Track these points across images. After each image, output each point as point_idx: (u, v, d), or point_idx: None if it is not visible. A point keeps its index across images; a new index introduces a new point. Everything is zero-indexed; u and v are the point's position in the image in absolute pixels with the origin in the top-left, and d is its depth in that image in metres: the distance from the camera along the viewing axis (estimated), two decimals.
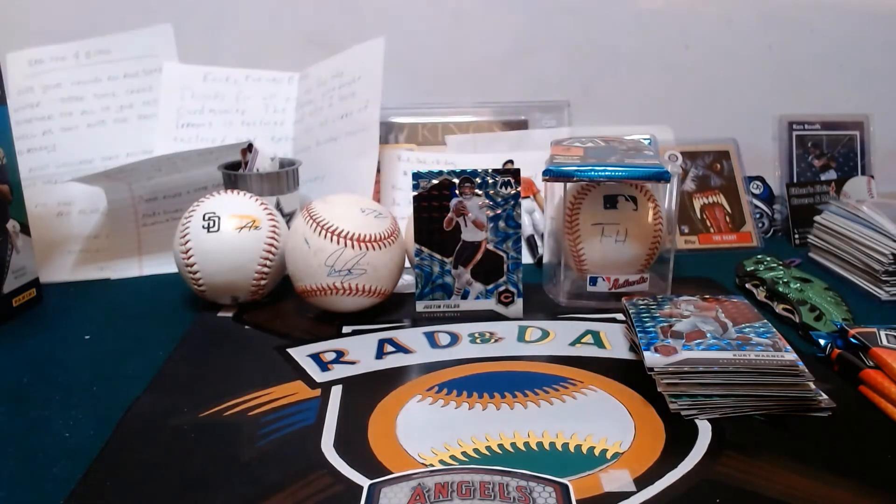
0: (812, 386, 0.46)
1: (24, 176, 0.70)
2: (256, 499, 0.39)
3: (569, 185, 0.63)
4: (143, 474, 0.41)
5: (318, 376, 0.53)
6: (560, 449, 0.43)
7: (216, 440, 0.45)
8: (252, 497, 0.39)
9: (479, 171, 0.60)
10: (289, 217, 0.72)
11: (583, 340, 0.58)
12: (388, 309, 0.64)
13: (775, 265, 0.68)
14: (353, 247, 0.59)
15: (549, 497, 0.38)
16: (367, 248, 0.59)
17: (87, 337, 0.61)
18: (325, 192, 0.79)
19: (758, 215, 0.86)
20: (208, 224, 0.63)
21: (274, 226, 0.64)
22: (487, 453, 0.43)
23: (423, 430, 0.45)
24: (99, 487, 0.41)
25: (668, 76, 0.94)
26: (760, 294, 0.66)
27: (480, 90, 0.93)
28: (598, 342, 0.58)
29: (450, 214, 0.60)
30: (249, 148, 0.73)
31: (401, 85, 0.88)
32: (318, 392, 0.50)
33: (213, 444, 0.44)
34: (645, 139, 0.77)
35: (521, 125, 0.91)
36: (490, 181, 0.60)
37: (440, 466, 0.41)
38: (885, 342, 0.51)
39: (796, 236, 0.85)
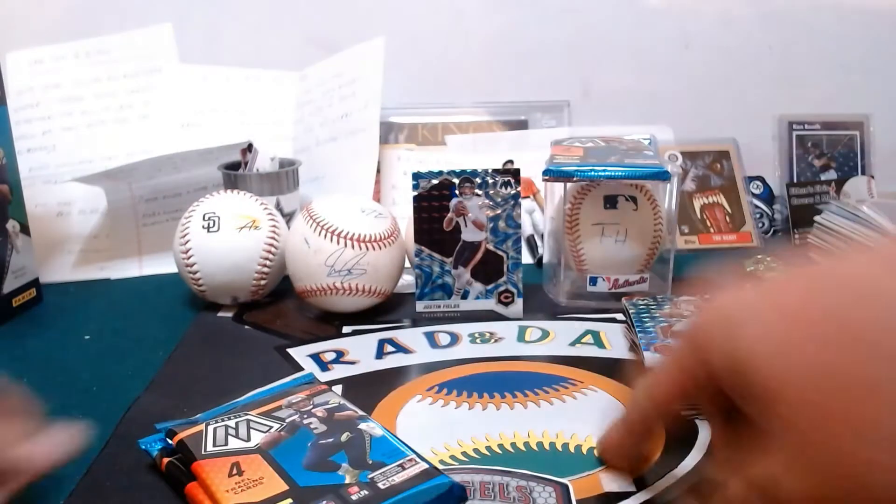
0: None
1: (24, 176, 0.70)
2: None
3: (569, 185, 0.63)
4: (144, 474, 0.41)
5: (319, 376, 0.53)
6: (560, 449, 0.43)
7: None
8: None
9: (479, 171, 0.60)
10: (289, 217, 0.72)
11: (583, 340, 0.58)
12: (388, 309, 0.64)
13: (775, 265, 0.68)
14: (353, 247, 0.59)
15: (549, 497, 0.38)
16: (367, 249, 0.59)
17: (87, 337, 0.61)
18: (325, 192, 0.79)
19: (758, 215, 0.86)
20: (208, 224, 0.63)
21: (274, 226, 0.64)
22: (487, 453, 0.43)
23: (423, 430, 0.45)
24: (99, 487, 0.41)
25: (668, 76, 0.94)
26: None
27: (480, 90, 0.93)
28: (598, 342, 0.58)
29: (450, 214, 0.60)
30: (249, 148, 0.73)
31: (401, 85, 0.88)
32: None
33: None
34: (645, 139, 0.77)
35: (521, 125, 0.91)
36: (490, 181, 0.60)
37: (440, 466, 0.41)
38: (210, 447, 0.40)
39: (796, 236, 0.85)
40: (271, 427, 0.41)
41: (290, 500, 0.35)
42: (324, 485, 0.36)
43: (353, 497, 0.35)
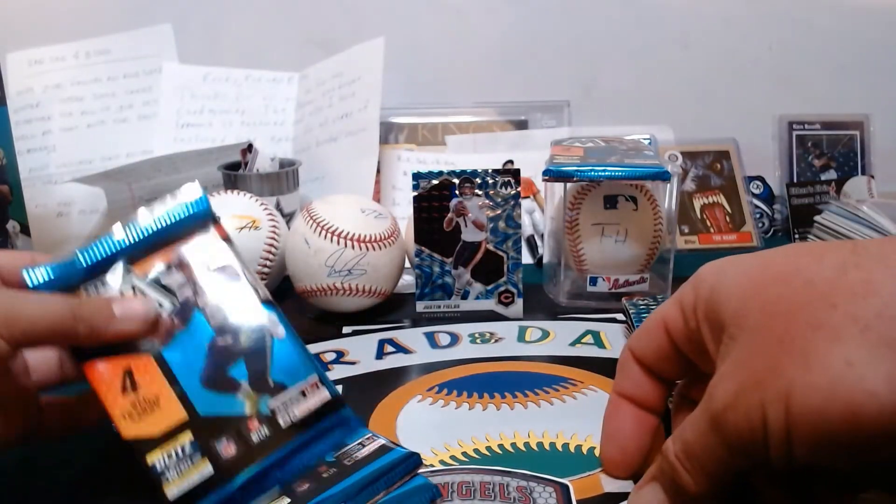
0: None
1: (24, 176, 0.70)
2: None
3: (569, 185, 0.63)
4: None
5: None
6: (560, 449, 0.43)
7: None
8: None
9: (479, 171, 0.60)
10: (289, 217, 0.72)
11: (583, 340, 0.58)
12: (388, 309, 0.64)
13: None
14: (353, 247, 0.59)
15: (550, 497, 0.38)
16: (368, 249, 0.59)
17: None
18: (325, 192, 0.79)
19: (758, 215, 0.86)
20: None
21: (274, 226, 0.64)
22: (487, 453, 0.43)
23: (423, 430, 0.45)
24: (99, 489, 0.41)
25: (668, 76, 0.94)
26: None
27: (480, 90, 0.93)
28: (598, 342, 0.58)
29: (450, 215, 0.60)
30: (249, 148, 0.73)
31: (401, 85, 0.88)
32: None
33: None
34: (645, 139, 0.77)
35: (521, 125, 0.91)
36: (490, 181, 0.60)
37: (440, 466, 0.41)
38: None
39: (796, 236, 0.85)
40: (161, 304, 0.35)
41: (189, 435, 0.33)
42: (224, 415, 0.34)
43: (253, 435, 0.34)
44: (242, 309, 0.36)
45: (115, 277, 0.36)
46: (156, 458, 0.33)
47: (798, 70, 0.94)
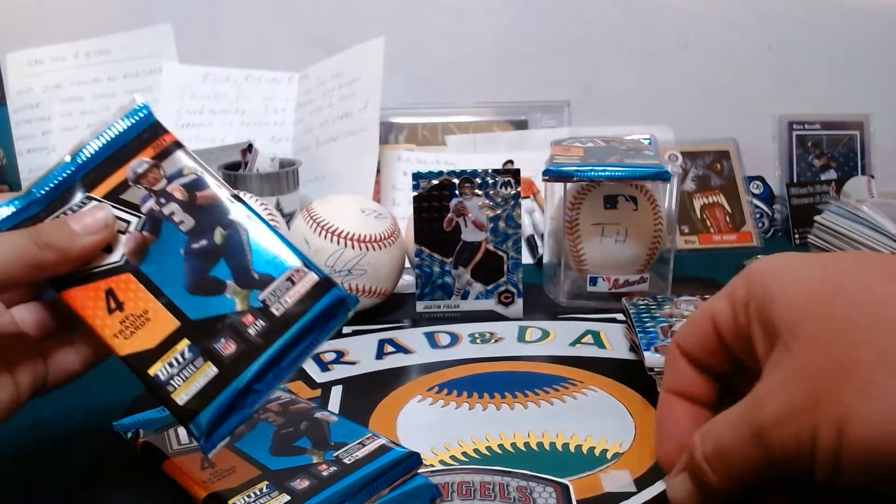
0: None
1: (24, 176, 0.70)
2: None
3: (569, 185, 0.63)
4: (147, 472, 0.41)
5: (319, 376, 0.53)
6: (560, 449, 0.43)
7: None
8: None
9: (479, 171, 0.60)
10: (289, 217, 0.72)
11: (583, 340, 0.58)
12: (389, 309, 0.64)
13: None
14: (353, 247, 0.59)
15: (550, 497, 0.38)
16: (368, 249, 0.59)
17: None
18: (325, 192, 0.79)
19: (758, 215, 0.86)
20: None
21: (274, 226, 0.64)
22: (487, 453, 0.43)
23: (423, 430, 0.45)
24: (99, 489, 0.41)
25: (669, 76, 0.94)
26: None
27: (480, 90, 0.93)
28: (598, 342, 0.58)
29: (450, 215, 0.60)
30: (249, 148, 0.74)
31: (401, 85, 0.88)
32: (318, 392, 0.50)
33: None
34: (645, 139, 0.77)
35: (521, 125, 0.92)
36: (490, 181, 0.60)
37: (440, 466, 0.41)
38: (175, 446, 0.42)
39: (796, 236, 0.85)
40: (128, 222, 0.35)
41: (186, 341, 0.33)
42: (216, 316, 0.33)
43: (250, 329, 0.33)
44: (210, 209, 0.36)
45: (76, 206, 0.35)
46: (157, 370, 0.33)
47: (798, 70, 0.94)
